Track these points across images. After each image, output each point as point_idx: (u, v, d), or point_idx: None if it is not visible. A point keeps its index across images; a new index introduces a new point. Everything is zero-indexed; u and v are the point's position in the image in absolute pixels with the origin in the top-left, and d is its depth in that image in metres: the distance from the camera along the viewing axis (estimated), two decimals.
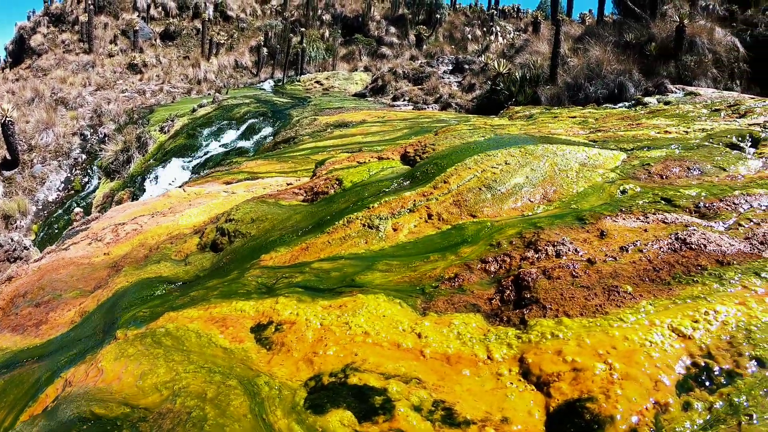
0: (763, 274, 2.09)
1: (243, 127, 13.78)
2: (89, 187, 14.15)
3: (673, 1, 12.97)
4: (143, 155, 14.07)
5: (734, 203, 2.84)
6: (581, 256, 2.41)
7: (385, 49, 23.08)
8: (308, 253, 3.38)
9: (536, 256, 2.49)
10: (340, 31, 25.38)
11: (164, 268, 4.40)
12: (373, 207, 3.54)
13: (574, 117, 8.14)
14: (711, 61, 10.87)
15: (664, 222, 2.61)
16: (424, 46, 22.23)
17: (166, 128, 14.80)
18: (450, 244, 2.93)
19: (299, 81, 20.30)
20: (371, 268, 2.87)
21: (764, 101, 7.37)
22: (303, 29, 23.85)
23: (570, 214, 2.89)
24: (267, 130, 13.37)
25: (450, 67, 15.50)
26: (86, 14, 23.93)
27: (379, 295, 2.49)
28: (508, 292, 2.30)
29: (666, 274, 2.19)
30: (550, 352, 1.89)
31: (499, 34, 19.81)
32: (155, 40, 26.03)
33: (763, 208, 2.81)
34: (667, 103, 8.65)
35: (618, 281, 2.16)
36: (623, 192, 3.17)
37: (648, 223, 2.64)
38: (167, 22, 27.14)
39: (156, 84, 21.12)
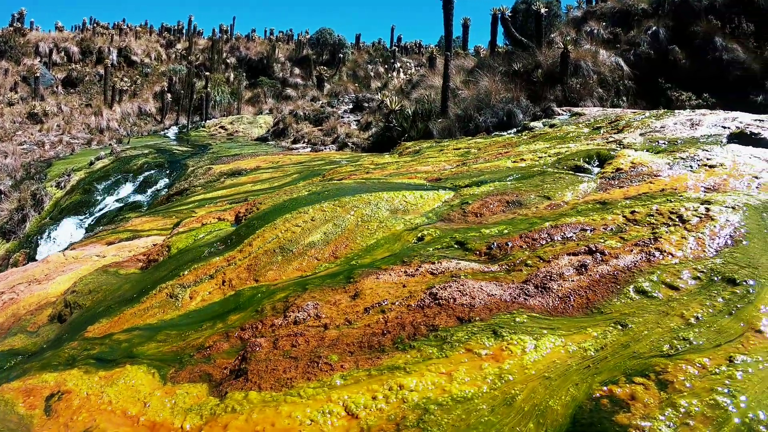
0: (503, 332, 1.91)
1: (139, 180, 13.55)
2: None
3: (560, 28, 13.39)
4: (39, 213, 13.45)
5: (533, 239, 2.63)
6: (320, 321, 2.40)
7: (289, 91, 23.02)
8: (118, 324, 3.43)
9: (282, 322, 2.49)
10: (245, 74, 25.18)
11: (18, 340, 4.41)
12: (183, 275, 3.56)
13: (459, 149, 8.17)
14: (596, 81, 11.26)
15: (431, 273, 2.41)
16: (328, 86, 22.31)
17: (62, 183, 14.17)
18: (225, 311, 2.95)
19: (204, 127, 19.96)
20: (153, 338, 2.95)
21: (644, 114, 7.54)
22: (208, 73, 23.50)
23: (344, 272, 2.87)
24: (163, 182, 13.23)
25: (350, 106, 15.45)
26: None
27: (142, 365, 2.61)
28: (237, 362, 2.32)
29: (389, 340, 2.13)
30: (220, 426, 1.90)
31: (400, 70, 20.06)
32: (57, 87, 25.10)
33: (565, 239, 2.60)
34: (552, 126, 8.79)
35: (331, 350, 2.14)
36: (420, 239, 2.99)
37: (414, 276, 2.44)
38: (70, 68, 26.31)
39: (56, 135, 20.27)
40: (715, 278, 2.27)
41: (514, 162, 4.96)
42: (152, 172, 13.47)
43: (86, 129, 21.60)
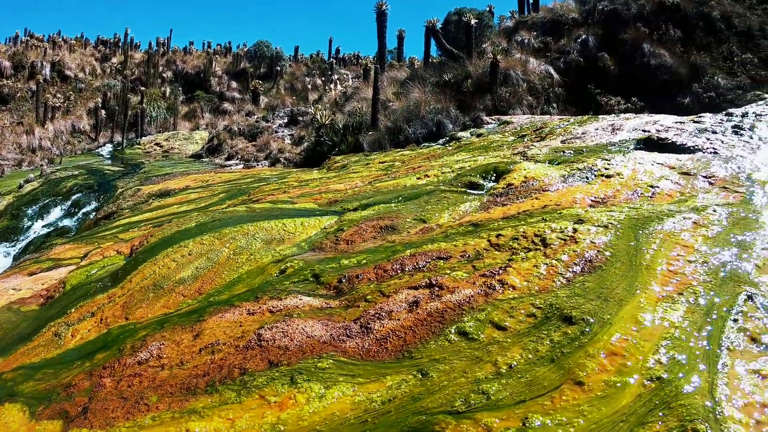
0: (299, 378, 1.95)
1: (68, 204, 13.52)
2: None
3: (491, 38, 13.59)
4: None
5: (385, 270, 2.58)
6: (160, 361, 2.49)
7: (227, 105, 22.79)
8: (10, 362, 3.45)
9: (132, 361, 2.58)
10: (181, 88, 24.76)
11: None
12: (69, 313, 3.61)
13: (384, 162, 8.19)
14: (525, 89, 11.46)
15: (270, 311, 2.38)
16: (266, 99, 22.17)
17: None
18: (95, 349, 3.01)
19: (139, 144, 19.60)
20: (33, 377, 3.00)
21: (568, 120, 7.70)
22: (143, 88, 22.98)
23: (199, 310, 2.94)
24: (92, 205, 13.28)
25: (285, 120, 15.36)
26: None
27: (18, 403, 2.70)
28: (87, 400, 2.41)
29: (204, 382, 2.17)
30: None
31: (337, 82, 20.07)
32: None
33: (416, 270, 2.54)
34: (479, 135, 8.89)
35: (156, 391, 2.22)
36: (282, 272, 2.98)
37: (254, 314, 2.40)
38: (0, 83, 25.14)
39: None
40: (552, 315, 2.11)
41: (418, 179, 4.92)
42: (81, 194, 13.17)
43: (17, 149, 20.90)
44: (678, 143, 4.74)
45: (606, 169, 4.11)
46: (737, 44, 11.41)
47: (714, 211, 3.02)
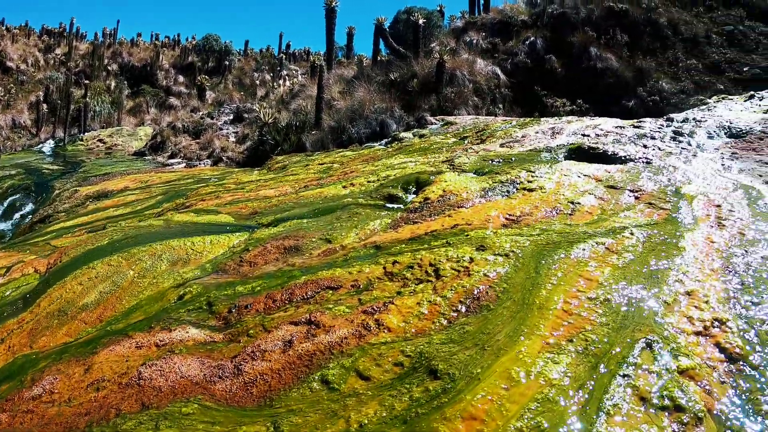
0: (162, 424, 1.98)
1: (4, 206, 12.95)
2: None
3: (440, 38, 13.69)
4: None
5: (274, 300, 2.58)
6: (52, 397, 2.43)
7: (173, 100, 22.43)
8: None
9: (28, 395, 2.50)
10: (126, 82, 24.18)
11: None
12: None
13: (323, 164, 8.23)
14: (471, 90, 11.63)
15: (157, 345, 2.38)
16: (213, 95, 21.95)
17: None
18: (1, 378, 2.90)
19: (82, 140, 19.14)
20: None
21: (511, 122, 7.85)
22: (87, 81, 22.34)
23: (94, 341, 2.86)
24: (29, 207, 12.82)
25: (231, 117, 15.22)
26: None
27: None
28: None
29: (84, 422, 2.10)
30: None
31: (286, 78, 19.93)
32: None
33: (304, 301, 2.55)
34: (422, 136, 8.99)
35: (43, 429, 2.13)
36: (180, 298, 2.93)
37: (141, 348, 2.38)
38: None
39: None
40: (419, 366, 1.93)
41: (344, 187, 4.91)
42: (17, 196, 12.92)
43: None
44: (609, 153, 4.66)
45: (529, 181, 3.94)
46: (683, 50, 11.76)
47: (631, 234, 2.85)
